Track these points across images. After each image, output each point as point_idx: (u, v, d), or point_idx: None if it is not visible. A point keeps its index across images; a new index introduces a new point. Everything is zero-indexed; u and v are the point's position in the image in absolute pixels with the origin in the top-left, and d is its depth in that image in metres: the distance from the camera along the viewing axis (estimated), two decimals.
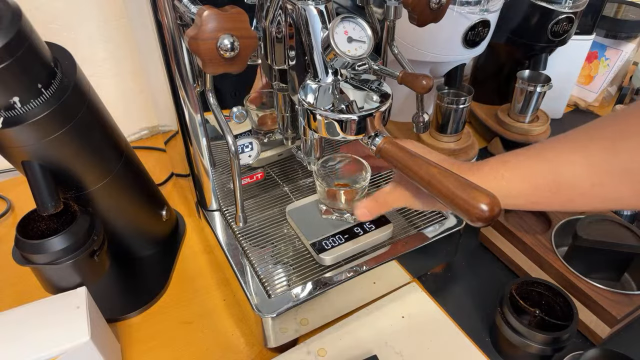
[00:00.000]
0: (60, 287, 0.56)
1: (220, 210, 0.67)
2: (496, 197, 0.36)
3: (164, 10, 0.47)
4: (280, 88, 0.56)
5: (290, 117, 0.60)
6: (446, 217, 0.65)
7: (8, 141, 0.47)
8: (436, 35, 0.74)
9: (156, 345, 0.61)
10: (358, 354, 0.57)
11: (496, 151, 0.94)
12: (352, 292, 0.59)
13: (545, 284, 0.58)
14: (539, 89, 0.87)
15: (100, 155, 0.56)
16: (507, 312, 0.54)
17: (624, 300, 0.56)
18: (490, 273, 0.70)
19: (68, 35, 0.84)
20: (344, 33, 0.44)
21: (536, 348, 0.53)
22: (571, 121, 1.08)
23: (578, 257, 0.61)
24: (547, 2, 0.81)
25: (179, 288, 0.68)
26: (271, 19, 0.47)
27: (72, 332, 0.49)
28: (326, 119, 0.44)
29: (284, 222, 0.65)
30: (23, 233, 0.54)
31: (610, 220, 0.64)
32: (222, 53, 0.38)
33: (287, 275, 0.57)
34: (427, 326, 0.61)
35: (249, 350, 0.59)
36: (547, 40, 0.85)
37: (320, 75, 0.46)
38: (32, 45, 0.43)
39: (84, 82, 0.51)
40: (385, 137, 0.44)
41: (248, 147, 0.58)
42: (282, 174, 0.72)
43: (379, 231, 0.60)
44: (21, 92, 0.44)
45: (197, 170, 0.63)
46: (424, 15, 0.50)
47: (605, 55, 1.08)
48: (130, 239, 0.69)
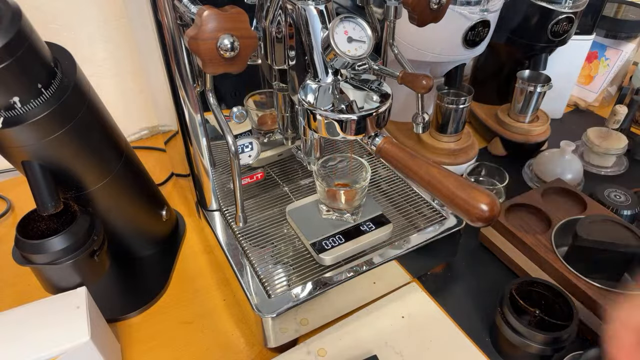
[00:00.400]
0: (60, 287, 0.56)
1: (220, 210, 0.67)
2: (495, 197, 0.36)
3: (164, 10, 0.47)
4: (280, 88, 0.56)
5: (290, 117, 0.60)
6: (446, 217, 0.65)
7: (8, 141, 0.47)
8: (436, 35, 0.74)
9: (156, 345, 0.61)
10: (358, 354, 0.58)
11: (496, 151, 0.95)
12: (352, 292, 0.59)
13: (545, 284, 0.58)
14: (539, 89, 0.87)
15: (100, 155, 0.56)
16: (507, 312, 0.54)
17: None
18: (490, 273, 0.70)
19: (68, 35, 0.84)
20: (344, 33, 0.44)
21: (536, 348, 0.53)
22: (571, 121, 1.08)
23: (578, 257, 0.61)
24: (547, 2, 0.81)
25: (179, 288, 0.68)
26: (271, 19, 0.47)
27: (72, 332, 0.49)
28: (326, 119, 0.44)
29: (284, 222, 0.65)
30: (23, 233, 0.54)
31: (610, 220, 0.64)
32: (222, 53, 0.38)
33: (287, 275, 0.57)
34: (427, 326, 0.61)
35: (249, 350, 0.59)
36: (547, 40, 0.85)
37: (320, 75, 0.46)
38: (32, 45, 0.43)
39: (84, 82, 0.51)
40: (385, 137, 0.44)
41: (248, 147, 0.58)
42: (282, 174, 0.72)
43: (379, 231, 0.60)
44: (21, 92, 0.44)
45: (197, 170, 0.63)
46: (424, 15, 0.50)
47: (605, 55, 1.08)
48: (130, 239, 0.69)
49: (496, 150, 0.95)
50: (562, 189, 0.76)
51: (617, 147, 0.87)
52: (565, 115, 1.09)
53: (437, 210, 0.66)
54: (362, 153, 0.77)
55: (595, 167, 0.91)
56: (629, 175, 0.90)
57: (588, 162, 0.92)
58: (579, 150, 0.93)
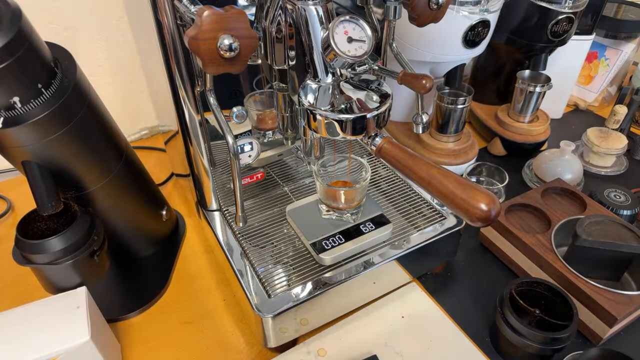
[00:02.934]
0: (60, 287, 0.56)
1: (220, 210, 0.67)
2: (495, 197, 0.36)
3: (164, 10, 0.47)
4: (280, 88, 0.56)
5: (290, 117, 0.60)
6: (446, 217, 0.65)
7: (8, 141, 0.47)
8: (436, 35, 0.74)
9: (156, 345, 0.61)
10: (358, 354, 0.58)
11: (496, 151, 0.95)
12: (352, 292, 0.59)
13: (545, 284, 0.58)
14: (538, 89, 0.87)
15: (100, 155, 0.56)
16: (507, 312, 0.54)
17: (624, 300, 0.56)
18: (490, 273, 0.70)
19: (68, 35, 0.84)
20: (344, 33, 0.44)
21: (536, 348, 0.53)
22: (571, 121, 1.08)
23: (578, 257, 0.61)
24: (547, 2, 0.81)
25: (179, 288, 0.68)
26: (271, 19, 0.47)
27: (72, 332, 0.49)
28: (326, 119, 0.44)
29: (284, 222, 0.65)
30: (23, 233, 0.54)
31: (610, 220, 0.64)
32: (222, 53, 0.38)
33: (287, 275, 0.57)
34: (427, 326, 0.61)
35: (249, 350, 0.59)
36: (547, 40, 0.85)
37: (320, 75, 0.46)
38: (32, 45, 0.43)
39: (84, 82, 0.51)
40: (385, 137, 0.44)
41: (248, 147, 0.58)
42: (282, 174, 0.72)
43: (379, 231, 0.60)
44: (21, 92, 0.44)
45: (197, 170, 0.63)
46: (424, 15, 0.50)
47: (605, 55, 1.08)
48: (130, 239, 0.69)
49: (496, 150, 0.95)
50: (562, 189, 0.76)
51: (617, 147, 0.87)
52: (565, 115, 1.09)
53: (437, 210, 0.66)
54: (362, 153, 0.77)
55: (595, 167, 0.91)
56: (629, 176, 0.90)
57: (588, 162, 0.92)
58: (578, 150, 0.93)
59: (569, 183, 0.77)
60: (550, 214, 0.69)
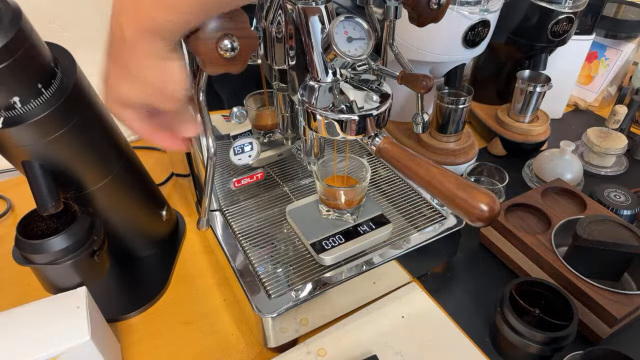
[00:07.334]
0: (60, 287, 0.56)
1: (220, 210, 0.67)
2: (495, 197, 0.36)
3: None
4: (280, 88, 0.56)
5: (290, 117, 0.60)
6: (446, 217, 0.65)
7: (8, 141, 0.47)
8: (436, 35, 0.74)
9: (156, 345, 0.61)
10: (358, 354, 0.58)
11: (496, 151, 0.95)
12: (352, 292, 0.59)
13: (545, 284, 0.58)
14: (538, 89, 0.87)
15: (100, 155, 0.56)
16: (507, 312, 0.54)
17: (624, 300, 0.56)
18: (490, 273, 0.70)
19: (68, 35, 0.84)
20: (344, 33, 0.44)
21: (536, 348, 0.53)
22: (571, 121, 1.08)
23: (578, 257, 0.61)
24: (547, 2, 0.81)
25: (179, 288, 0.68)
26: (271, 19, 0.47)
27: (72, 332, 0.49)
28: (326, 119, 0.44)
29: (284, 222, 0.65)
30: (23, 233, 0.54)
31: (610, 220, 0.64)
32: (222, 53, 0.38)
33: (287, 275, 0.57)
34: (427, 326, 0.61)
35: (249, 350, 0.59)
36: (547, 40, 0.85)
37: (320, 75, 0.46)
38: (32, 45, 0.43)
39: (84, 82, 0.51)
40: (385, 137, 0.44)
41: (248, 147, 0.58)
42: (282, 174, 0.72)
43: (378, 231, 0.60)
44: (21, 92, 0.44)
45: (197, 170, 0.63)
46: (424, 15, 0.50)
47: (605, 55, 1.08)
48: (130, 239, 0.69)
49: (496, 150, 0.95)
50: (562, 189, 0.76)
51: (617, 147, 0.87)
52: (565, 115, 1.09)
53: (437, 210, 0.66)
54: (362, 153, 0.77)
55: (595, 167, 0.91)
56: (629, 175, 0.90)
57: (588, 162, 0.92)
58: (578, 150, 0.93)
59: (569, 183, 0.77)
60: (550, 214, 0.69)
